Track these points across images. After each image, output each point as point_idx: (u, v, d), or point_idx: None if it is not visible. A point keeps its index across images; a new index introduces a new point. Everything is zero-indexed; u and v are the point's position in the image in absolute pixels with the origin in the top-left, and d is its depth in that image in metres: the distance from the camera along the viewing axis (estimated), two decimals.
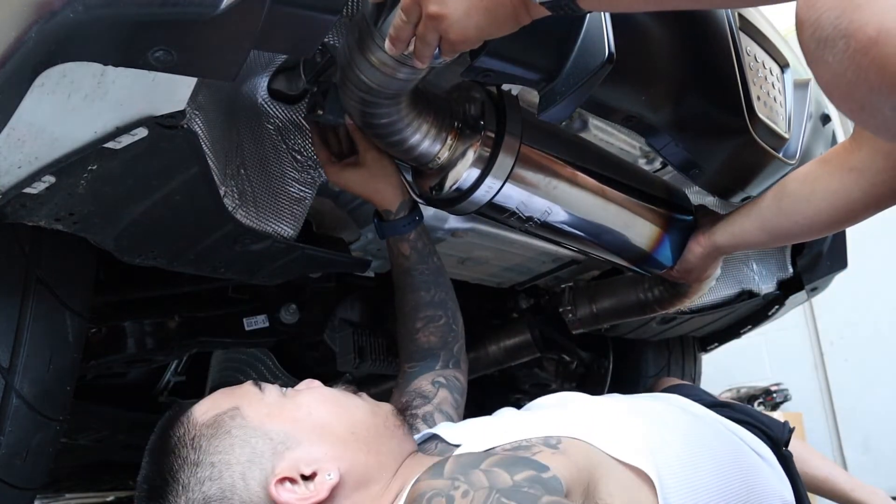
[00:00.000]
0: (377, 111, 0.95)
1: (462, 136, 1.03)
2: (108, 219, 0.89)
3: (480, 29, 0.76)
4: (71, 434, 1.68)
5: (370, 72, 0.88)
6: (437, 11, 0.75)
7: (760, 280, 1.79)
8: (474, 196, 1.04)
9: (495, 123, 1.02)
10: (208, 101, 0.87)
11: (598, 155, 1.19)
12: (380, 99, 0.92)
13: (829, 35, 0.51)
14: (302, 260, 1.09)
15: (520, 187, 1.05)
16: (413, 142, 1.01)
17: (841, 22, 0.50)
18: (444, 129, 1.02)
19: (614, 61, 0.84)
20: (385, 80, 0.88)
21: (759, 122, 1.12)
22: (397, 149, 1.03)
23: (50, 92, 0.66)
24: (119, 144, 0.75)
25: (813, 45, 0.53)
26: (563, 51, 0.87)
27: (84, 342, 1.06)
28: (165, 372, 1.68)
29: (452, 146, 1.03)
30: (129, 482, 2.66)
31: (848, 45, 0.50)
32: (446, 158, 1.03)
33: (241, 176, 1.00)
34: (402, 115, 0.97)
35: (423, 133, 1.01)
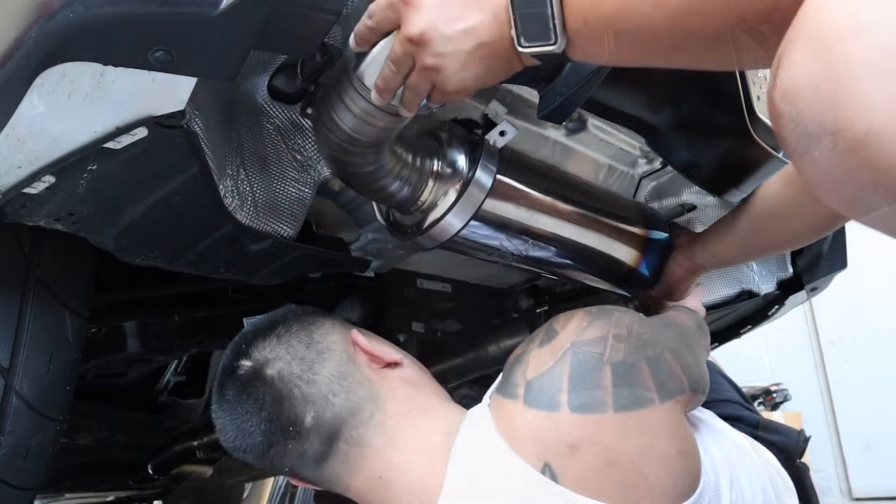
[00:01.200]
0: (358, 160, 0.92)
1: (442, 179, 1.02)
2: (108, 219, 0.89)
3: (478, 79, 0.76)
4: (71, 434, 1.68)
5: (350, 120, 0.86)
6: (434, 64, 0.74)
7: (760, 280, 1.79)
8: (456, 238, 1.04)
9: (473, 165, 1.01)
10: (208, 101, 0.87)
11: (574, 184, 1.20)
12: (361, 148, 0.89)
13: (814, 131, 0.47)
14: (302, 260, 1.09)
15: (500, 225, 1.06)
16: (393, 189, 0.99)
17: (826, 119, 0.46)
18: (424, 174, 1.01)
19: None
20: (366, 128, 0.86)
21: (759, 122, 1.12)
22: (377, 195, 1.00)
23: (49, 92, 0.67)
24: (119, 144, 0.75)
25: (795, 139, 0.49)
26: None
27: (84, 342, 1.06)
28: (165, 372, 1.68)
29: (433, 190, 1.02)
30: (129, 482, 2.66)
31: (835, 142, 0.46)
32: (428, 203, 1.02)
33: (241, 176, 1.00)
34: (382, 163, 0.95)
35: (403, 180, 0.99)
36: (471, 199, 1.01)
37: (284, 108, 1.05)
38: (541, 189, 1.10)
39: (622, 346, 0.86)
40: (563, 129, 1.26)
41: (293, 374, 0.96)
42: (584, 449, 0.78)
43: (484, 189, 1.02)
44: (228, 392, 0.98)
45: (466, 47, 0.73)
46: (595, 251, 1.21)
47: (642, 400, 0.82)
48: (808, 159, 0.49)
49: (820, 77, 0.46)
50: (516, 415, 0.84)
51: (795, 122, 0.48)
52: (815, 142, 0.47)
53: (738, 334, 2.13)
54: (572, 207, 1.14)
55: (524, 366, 0.88)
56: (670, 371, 0.88)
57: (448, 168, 1.01)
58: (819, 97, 0.46)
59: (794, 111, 0.48)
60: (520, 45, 0.70)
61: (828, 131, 0.46)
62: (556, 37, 0.69)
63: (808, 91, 0.47)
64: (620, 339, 0.87)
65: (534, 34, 0.69)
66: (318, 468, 0.95)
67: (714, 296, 1.81)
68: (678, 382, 0.87)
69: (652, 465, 0.79)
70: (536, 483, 0.78)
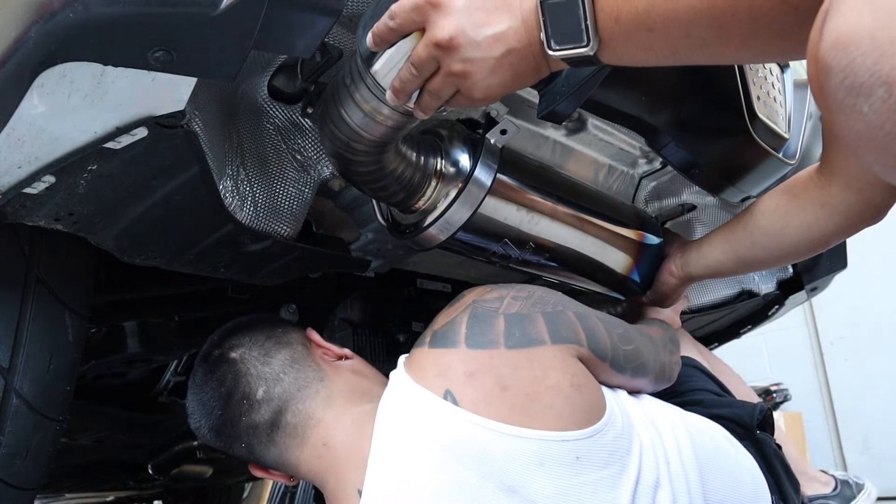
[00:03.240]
0: (363, 158, 0.91)
1: (445, 178, 1.02)
2: (108, 219, 0.89)
3: (504, 85, 0.75)
4: (71, 434, 1.68)
5: (360, 118, 0.85)
6: (462, 69, 0.73)
7: (760, 280, 1.79)
8: (454, 237, 1.04)
9: (474, 163, 1.01)
10: (208, 101, 0.87)
11: (572, 186, 1.20)
12: (367, 146, 0.89)
13: (865, 82, 0.44)
14: (302, 260, 1.09)
15: (499, 225, 1.06)
16: (396, 188, 0.99)
17: (881, 68, 0.43)
18: (427, 173, 1.01)
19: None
20: (375, 127, 0.85)
21: (758, 122, 1.12)
22: (379, 194, 1.00)
23: (50, 92, 0.67)
24: (119, 144, 0.75)
25: (842, 93, 0.46)
26: None
27: (84, 342, 1.06)
28: (165, 372, 1.68)
29: (436, 189, 1.02)
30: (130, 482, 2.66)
31: (890, 93, 0.43)
32: (429, 202, 1.02)
33: (241, 176, 1.00)
34: (386, 161, 0.94)
35: (406, 178, 0.99)
36: (470, 197, 1.01)
37: (284, 107, 1.05)
38: (540, 189, 1.10)
39: (518, 303, 0.97)
40: (563, 129, 1.26)
41: (252, 356, 1.07)
42: (479, 377, 0.88)
43: (484, 187, 1.01)
44: (198, 375, 1.09)
45: (495, 53, 0.71)
46: (590, 255, 1.21)
47: (532, 340, 0.92)
48: (856, 114, 0.46)
49: (878, 24, 0.43)
50: (422, 356, 0.94)
51: (845, 73, 0.45)
52: (866, 94, 0.44)
53: (738, 334, 2.13)
54: (570, 209, 1.14)
55: (433, 324, 0.99)
56: (568, 324, 0.97)
57: (451, 167, 1.01)
58: (875, 45, 0.43)
59: (846, 61, 0.45)
60: (550, 48, 0.68)
61: (881, 82, 0.43)
62: (588, 38, 0.66)
63: (864, 39, 0.44)
64: (518, 298, 0.98)
65: (565, 36, 0.67)
66: (269, 443, 1.02)
67: (714, 296, 1.81)
68: (573, 334, 0.97)
69: (544, 393, 0.88)
70: (439, 407, 0.87)
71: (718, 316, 1.99)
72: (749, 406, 1.19)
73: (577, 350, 0.96)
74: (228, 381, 1.05)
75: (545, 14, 0.67)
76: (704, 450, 1.02)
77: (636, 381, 1.08)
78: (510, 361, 0.90)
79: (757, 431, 1.15)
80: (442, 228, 1.03)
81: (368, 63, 0.80)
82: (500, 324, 0.93)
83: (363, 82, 0.82)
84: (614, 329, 1.05)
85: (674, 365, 1.18)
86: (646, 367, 1.08)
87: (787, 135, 1.22)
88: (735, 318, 2.03)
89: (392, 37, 0.77)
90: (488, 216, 1.04)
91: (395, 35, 0.76)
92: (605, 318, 1.05)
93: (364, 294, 1.58)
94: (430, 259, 1.51)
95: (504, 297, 0.98)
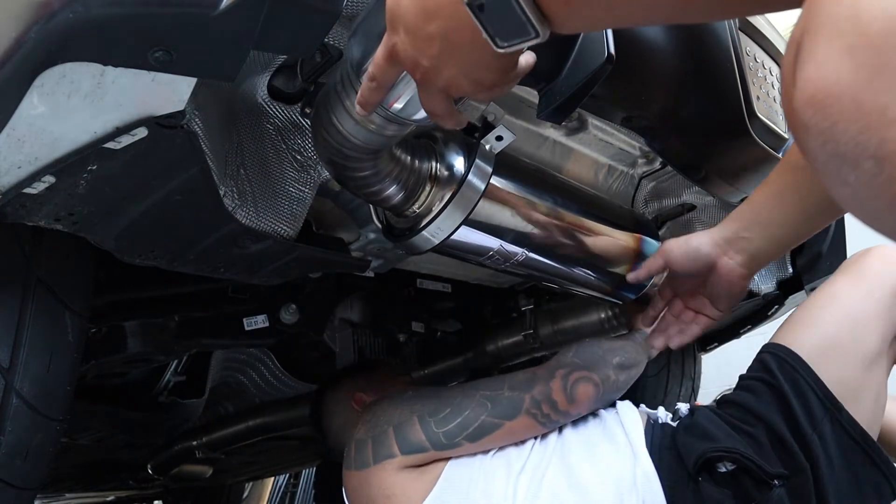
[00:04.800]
0: (355, 165, 0.91)
1: (438, 183, 1.01)
2: (108, 219, 0.89)
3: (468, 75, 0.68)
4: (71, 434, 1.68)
5: (351, 126, 0.84)
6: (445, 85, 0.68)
7: (760, 280, 1.79)
8: (448, 241, 1.03)
9: (467, 170, 1.00)
10: (208, 101, 0.87)
11: (568, 190, 1.19)
12: (360, 153, 0.88)
13: (850, 152, 0.38)
14: (302, 260, 1.09)
15: (493, 229, 1.06)
16: (390, 192, 0.98)
17: (868, 140, 0.37)
18: (422, 177, 1.00)
19: (614, 62, 0.84)
20: (367, 135, 0.85)
21: (758, 122, 1.12)
22: (373, 198, 1.00)
23: (49, 92, 0.67)
24: (119, 145, 0.75)
25: (824, 157, 0.40)
26: (563, 51, 0.86)
27: (84, 342, 1.06)
28: (165, 372, 1.68)
29: (430, 194, 1.01)
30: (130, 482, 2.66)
31: (881, 169, 0.37)
32: (424, 208, 1.02)
33: (241, 176, 1.00)
34: (380, 167, 0.93)
35: (400, 183, 0.98)
36: (464, 201, 1.01)
37: (284, 108, 1.05)
38: (535, 193, 1.10)
39: (364, 427, 1.28)
40: (563, 129, 1.26)
41: None
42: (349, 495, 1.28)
43: (478, 191, 1.01)
44: None
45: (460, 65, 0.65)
46: (586, 259, 1.20)
47: (363, 463, 1.23)
48: (841, 183, 0.40)
49: (861, 85, 0.37)
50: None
51: (825, 138, 0.39)
52: (852, 165, 0.38)
53: (738, 334, 2.12)
54: (566, 213, 1.14)
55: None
56: (385, 443, 1.23)
57: (445, 171, 1.01)
58: (860, 111, 0.36)
59: (826, 124, 0.38)
60: (498, 46, 0.62)
61: (869, 155, 0.37)
62: (535, 30, 0.59)
63: (845, 102, 0.37)
64: (365, 422, 1.29)
65: (509, 33, 0.60)
66: None
67: None
68: (388, 448, 1.22)
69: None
70: None
71: None
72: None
73: (394, 462, 1.21)
74: None
75: (478, 17, 0.60)
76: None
77: (489, 440, 1.23)
78: (357, 481, 1.24)
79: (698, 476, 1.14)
80: (435, 232, 1.02)
81: (358, 71, 0.80)
82: (352, 448, 1.27)
83: (354, 90, 0.81)
84: (431, 418, 1.24)
85: (557, 392, 1.24)
86: (484, 427, 1.22)
87: (787, 135, 1.22)
88: (735, 318, 2.03)
89: (379, 96, 0.75)
90: (482, 220, 1.04)
91: (382, 93, 0.75)
92: (424, 411, 1.25)
93: (364, 294, 1.59)
94: (430, 259, 1.51)
95: (365, 420, 1.29)
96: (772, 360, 1.24)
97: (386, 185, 0.96)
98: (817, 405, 1.15)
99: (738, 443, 1.15)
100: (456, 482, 1.20)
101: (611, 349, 1.31)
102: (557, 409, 1.23)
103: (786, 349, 1.23)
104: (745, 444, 1.15)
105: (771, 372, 1.22)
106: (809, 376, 1.19)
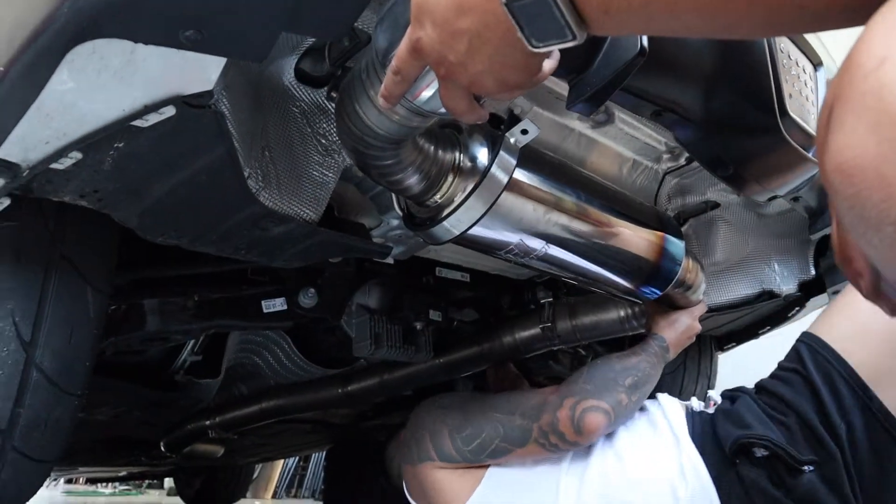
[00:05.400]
0: (378, 153, 0.90)
1: (462, 173, 1.00)
2: (132, 197, 0.89)
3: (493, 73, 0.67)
4: (88, 409, 1.70)
5: (375, 116, 0.84)
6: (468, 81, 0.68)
7: (782, 280, 1.77)
8: (468, 234, 1.02)
9: (491, 162, 0.99)
10: (235, 82, 0.87)
11: (592, 185, 1.18)
12: (382, 143, 0.88)
13: (873, 217, 0.40)
14: (323, 244, 1.09)
15: (516, 224, 1.04)
16: (412, 181, 0.97)
17: (890, 208, 0.39)
18: (444, 167, 0.99)
19: (646, 54, 0.82)
20: (391, 125, 0.84)
21: (789, 120, 1.10)
22: (394, 187, 0.99)
23: (80, 68, 0.66)
24: (146, 123, 0.75)
25: (851, 219, 0.42)
26: (595, 43, 0.85)
27: (104, 319, 1.07)
28: (182, 351, 1.69)
29: (452, 185, 1.00)
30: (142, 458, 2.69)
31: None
32: (445, 197, 1.00)
33: (266, 158, 0.99)
34: (403, 156, 0.93)
35: (422, 172, 0.97)
36: (486, 193, 0.99)
37: (310, 91, 1.04)
38: (558, 188, 1.08)
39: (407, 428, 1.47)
40: (589, 122, 1.24)
41: None
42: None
43: (500, 184, 0.99)
44: None
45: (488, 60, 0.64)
46: (607, 257, 1.19)
47: (413, 460, 1.40)
48: (867, 242, 0.42)
49: (885, 158, 0.39)
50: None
51: (851, 203, 0.41)
52: (875, 229, 0.40)
53: (757, 335, 2.10)
54: (589, 208, 1.12)
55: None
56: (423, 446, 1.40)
57: (469, 162, 0.99)
58: (882, 182, 0.39)
59: (851, 190, 0.41)
60: (532, 45, 0.61)
61: (890, 222, 0.39)
62: (572, 33, 0.59)
63: (869, 172, 0.39)
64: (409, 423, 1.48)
65: (546, 34, 0.60)
66: None
67: (734, 295, 1.79)
68: (426, 452, 1.39)
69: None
70: None
71: (737, 315, 1.97)
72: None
73: (435, 464, 1.37)
74: None
75: (515, 16, 0.60)
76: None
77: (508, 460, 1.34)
78: (410, 475, 1.44)
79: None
80: (456, 223, 1.01)
81: (384, 60, 0.79)
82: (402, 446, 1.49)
83: (378, 79, 0.80)
84: (457, 434, 1.36)
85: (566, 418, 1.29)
86: (498, 450, 1.33)
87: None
88: (754, 318, 2.01)
89: (403, 89, 0.74)
90: (504, 213, 1.03)
91: (405, 86, 0.74)
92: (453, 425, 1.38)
93: (382, 280, 1.58)
94: (450, 248, 1.50)
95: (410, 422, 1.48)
96: (805, 350, 1.31)
97: (408, 175, 0.95)
98: (848, 394, 1.21)
99: (771, 430, 1.23)
100: (500, 481, 1.33)
101: (624, 369, 1.36)
102: (565, 440, 1.29)
103: (819, 339, 1.30)
104: (777, 432, 1.22)
105: (803, 362, 1.29)
106: (841, 366, 1.25)
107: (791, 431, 1.23)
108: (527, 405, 1.33)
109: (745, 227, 1.66)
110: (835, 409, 1.21)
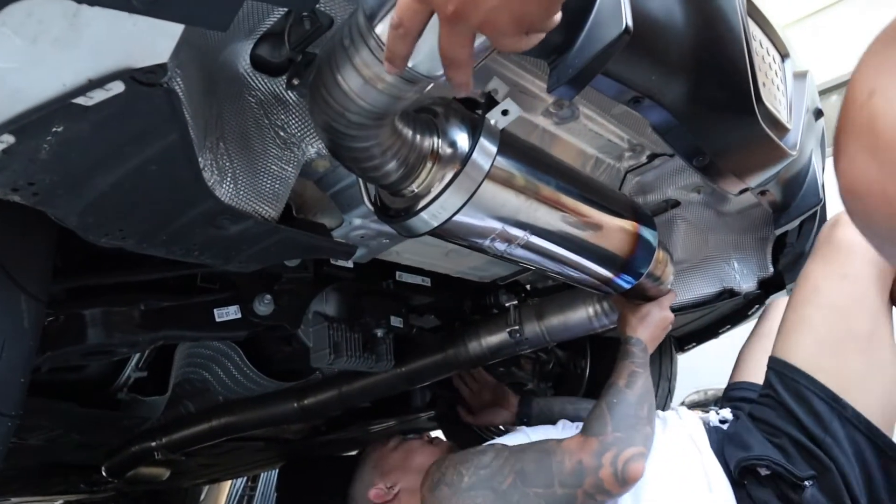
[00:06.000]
0: (356, 133, 0.81)
1: (440, 161, 0.93)
2: (73, 191, 0.80)
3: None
4: (21, 433, 1.57)
5: (359, 85, 0.75)
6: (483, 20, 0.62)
7: (741, 278, 1.77)
8: (448, 223, 0.96)
9: (472, 148, 0.93)
10: (188, 63, 0.79)
11: (570, 173, 1.14)
12: (363, 119, 0.79)
13: (884, 232, 0.46)
14: (283, 244, 1.02)
15: (496, 214, 0.99)
16: (389, 168, 0.90)
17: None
18: (423, 153, 0.92)
19: (631, 32, 0.79)
20: (376, 96, 0.76)
21: (763, 108, 1.09)
22: (369, 174, 0.91)
23: (12, 33, 0.58)
24: (90, 101, 0.66)
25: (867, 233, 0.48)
26: (577, 20, 0.81)
27: (41, 330, 0.97)
28: (126, 367, 1.58)
29: (431, 172, 0.93)
30: (81, 485, 2.53)
31: None
32: (423, 188, 0.94)
33: (221, 150, 0.91)
34: (381, 138, 0.85)
35: (400, 159, 0.89)
36: (467, 181, 0.94)
37: (268, 79, 0.96)
38: (539, 175, 1.03)
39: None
40: (553, 118, 1.20)
41: None
42: None
43: (482, 171, 0.94)
44: None
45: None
46: (585, 247, 1.15)
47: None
48: (885, 255, 0.48)
49: (886, 178, 0.43)
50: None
51: (863, 220, 0.46)
52: (890, 242, 0.45)
53: (717, 334, 2.11)
54: (569, 197, 1.08)
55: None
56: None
57: (448, 147, 0.93)
58: (887, 200, 0.43)
59: (861, 208, 0.46)
60: None
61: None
62: None
63: (874, 192, 0.44)
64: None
65: None
66: None
67: (694, 294, 1.78)
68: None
69: None
70: None
71: (698, 315, 1.97)
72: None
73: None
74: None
75: None
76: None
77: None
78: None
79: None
80: (435, 214, 0.95)
81: (372, 21, 0.72)
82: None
83: (365, 44, 0.72)
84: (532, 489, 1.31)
85: (606, 476, 1.30)
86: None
87: (789, 125, 1.19)
88: (715, 317, 2.01)
89: (408, 46, 0.67)
90: (484, 203, 0.97)
91: (411, 41, 0.67)
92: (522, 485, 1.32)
93: (340, 286, 1.51)
94: (411, 251, 1.44)
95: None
96: (774, 376, 1.44)
97: (385, 160, 0.88)
98: (824, 409, 1.32)
99: (771, 450, 1.34)
100: None
101: (638, 400, 1.37)
102: (611, 494, 1.30)
103: (783, 363, 1.43)
104: (776, 452, 1.33)
105: (774, 388, 1.41)
106: (810, 383, 1.36)
107: (787, 451, 1.32)
108: (563, 473, 1.31)
109: (704, 226, 1.66)
110: (816, 425, 1.31)
